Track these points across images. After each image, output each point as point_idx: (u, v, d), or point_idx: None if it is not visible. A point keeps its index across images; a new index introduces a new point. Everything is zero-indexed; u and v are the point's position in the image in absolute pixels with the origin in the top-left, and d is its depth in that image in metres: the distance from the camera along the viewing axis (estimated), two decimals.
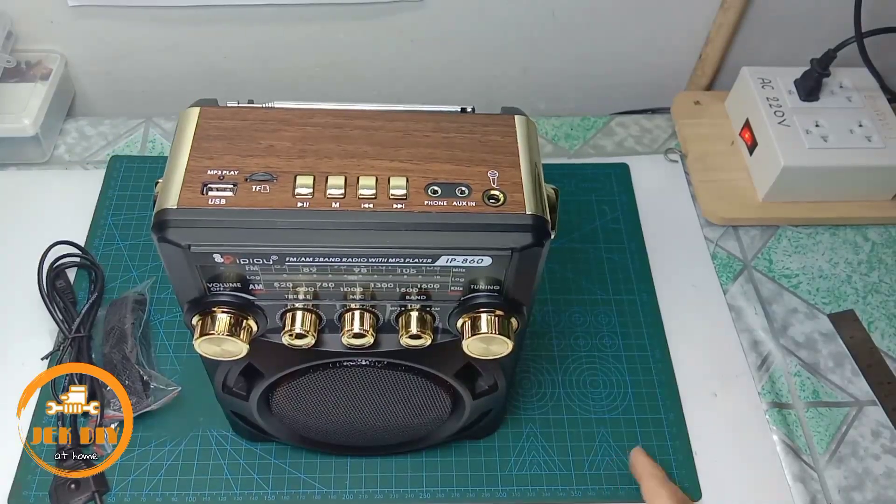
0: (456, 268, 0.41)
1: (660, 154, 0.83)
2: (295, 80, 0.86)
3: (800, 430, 0.64)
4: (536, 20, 0.82)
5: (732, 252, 0.75)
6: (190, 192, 0.39)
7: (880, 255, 0.75)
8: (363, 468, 0.60)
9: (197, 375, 0.62)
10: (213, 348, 0.44)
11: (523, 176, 0.41)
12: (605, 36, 0.85)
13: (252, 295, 0.43)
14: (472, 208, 0.40)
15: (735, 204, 0.77)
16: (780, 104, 0.76)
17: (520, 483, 0.60)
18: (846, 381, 0.67)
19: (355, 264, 0.41)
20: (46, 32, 0.80)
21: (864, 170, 0.74)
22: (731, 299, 0.72)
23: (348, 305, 0.44)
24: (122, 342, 0.63)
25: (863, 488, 0.61)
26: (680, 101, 0.85)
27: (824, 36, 0.75)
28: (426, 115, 0.44)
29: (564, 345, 0.68)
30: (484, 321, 0.43)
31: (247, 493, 0.59)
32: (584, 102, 0.91)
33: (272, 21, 0.80)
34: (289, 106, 0.44)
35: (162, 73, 0.84)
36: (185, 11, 0.78)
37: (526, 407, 0.64)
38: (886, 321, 0.71)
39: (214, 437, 0.61)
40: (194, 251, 0.39)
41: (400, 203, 0.40)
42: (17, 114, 0.75)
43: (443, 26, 0.82)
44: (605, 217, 0.77)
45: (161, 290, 0.69)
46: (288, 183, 0.40)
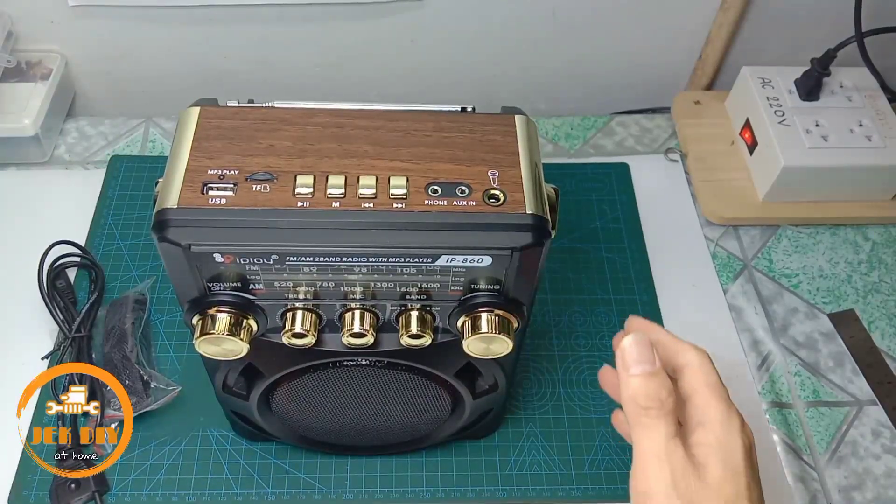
0: (456, 267, 0.41)
1: (660, 154, 0.83)
2: (295, 80, 0.86)
3: (800, 430, 0.64)
4: (536, 20, 0.82)
5: (732, 252, 0.75)
6: (190, 191, 0.39)
7: (880, 255, 0.75)
8: (363, 468, 0.60)
9: (197, 375, 0.62)
10: (213, 348, 0.44)
11: (523, 175, 0.41)
12: (606, 36, 0.85)
13: (252, 294, 0.43)
14: (472, 208, 0.40)
15: (735, 204, 0.77)
16: (781, 104, 0.76)
17: (520, 483, 0.60)
18: (846, 380, 0.67)
19: (355, 264, 0.41)
20: (46, 32, 0.80)
21: (865, 169, 0.74)
22: (731, 299, 0.72)
23: (348, 305, 0.44)
24: (123, 342, 0.63)
25: (863, 488, 0.61)
26: (680, 101, 0.85)
27: (824, 36, 0.75)
28: (426, 115, 0.44)
29: (564, 345, 0.68)
30: (484, 321, 0.43)
31: (247, 493, 0.59)
32: (584, 102, 0.91)
33: (272, 21, 0.80)
34: (289, 105, 0.44)
35: (162, 73, 0.84)
36: (185, 11, 0.78)
37: (526, 407, 0.64)
38: (886, 321, 0.71)
39: (214, 437, 0.61)
40: (195, 251, 0.39)
41: (400, 203, 0.40)
42: (17, 114, 0.75)
43: (443, 26, 0.82)
44: (605, 217, 0.77)
45: (161, 289, 0.69)
46: (288, 182, 0.40)
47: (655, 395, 0.38)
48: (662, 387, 0.38)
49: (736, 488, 0.38)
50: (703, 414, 0.40)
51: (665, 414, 0.38)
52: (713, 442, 0.39)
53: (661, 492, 0.38)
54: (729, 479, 0.38)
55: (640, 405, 0.39)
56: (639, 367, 0.39)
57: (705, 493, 0.37)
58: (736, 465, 0.38)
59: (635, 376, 0.39)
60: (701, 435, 0.39)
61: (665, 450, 0.38)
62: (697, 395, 0.40)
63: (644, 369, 0.39)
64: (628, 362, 0.39)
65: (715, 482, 0.38)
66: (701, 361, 0.41)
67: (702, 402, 0.40)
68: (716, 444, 0.38)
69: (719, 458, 0.38)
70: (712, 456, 0.38)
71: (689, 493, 0.37)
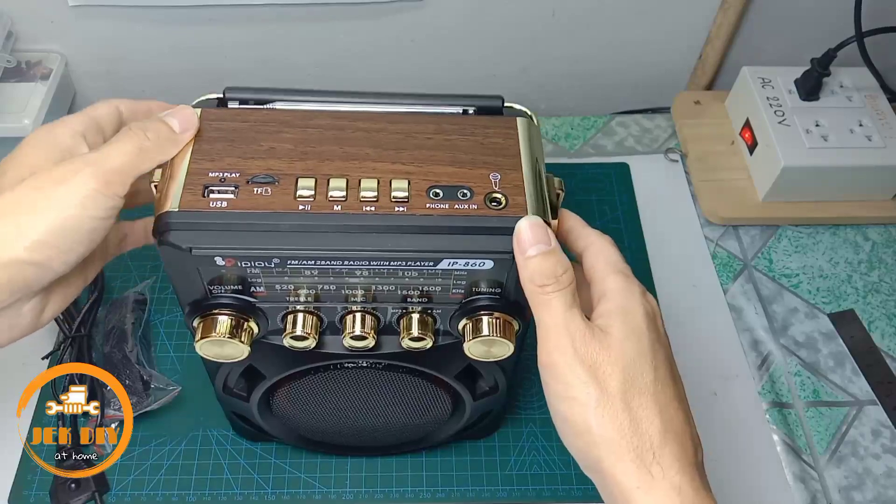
0: (457, 271, 0.41)
1: (660, 154, 0.83)
2: (295, 80, 0.86)
3: (800, 430, 0.64)
4: (536, 20, 0.82)
5: (732, 252, 0.75)
6: (191, 194, 0.39)
7: (880, 255, 0.75)
8: (363, 468, 0.61)
9: (197, 375, 0.62)
10: (214, 350, 0.43)
11: (525, 178, 0.41)
12: (605, 36, 0.85)
13: (253, 297, 0.43)
14: (473, 211, 0.40)
15: (735, 204, 0.77)
16: (781, 104, 0.76)
17: (520, 483, 0.61)
18: (846, 380, 0.67)
19: (357, 267, 0.41)
20: (46, 32, 0.79)
21: (865, 169, 0.74)
22: (731, 299, 0.72)
23: (349, 308, 0.44)
24: (123, 342, 0.63)
25: (863, 488, 0.61)
26: (680, 101, 0.85)
27: (824, 36, 0.75)
28: (428, 117, 0.44)
29: None
30: (485, 324, 0.43)
31: (247, 493, 0.59)
32: (584, 102, 0.91)
33: (272, 21, 0.80)
34: (290, 107, 0.44)
35: (162, 73, 0.84)
36: (185, 11, 0.78)
37: (526, 407, 0.64)
38: (886, 321, 0.71)
39: (214, 437, 0.61)
40: (196, 254, 0.39)
41: (402, 206, 0.39)
42: (17, 114, 0.75)
43: (443, 26, 0.82)
44: (606, 217, 0.77)
45: (161, 290, 0.69)
46: (289, 185, 0.40)
47: (551, 272, 0.39)
48: (558, 264, 0.39)
49: (638, 347, 0.39)
50: (603, 286, 0.41)
51: (561, 288, 0.39)
52: (612, 308, 0.40)
53: (564, 362, 0.39)
54: (631, 338, 0.39)
55: (536, 284, 0.39)
56: (534, 248, 0.39)
57: (606, 353, 0.38)
58: (636, 326, 0.39)
59: (531, 257, 0.39)
60: (602, 306, 0.40)
61: (563, 319, 0.39)
62: (596, 272, 0.42)
63: (539, 249, 0.39)
64: (524, 245, 0.39)
65: (616, 343, 0.39)
66: (602, 243, 0.43)
67: (600, 277, 0.41)
68: (615, 310, 0.40)
69: (619, 321, 0.39)
70: (612, 319, 0.39)
71: (590, 357, 0.38)
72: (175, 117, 0.41)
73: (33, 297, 0.41)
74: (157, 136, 0.40)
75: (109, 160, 0.39)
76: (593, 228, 0.44)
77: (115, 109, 0.44)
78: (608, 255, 0.42)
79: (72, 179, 0.38)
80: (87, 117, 0.42)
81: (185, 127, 0.41)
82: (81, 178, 0.38)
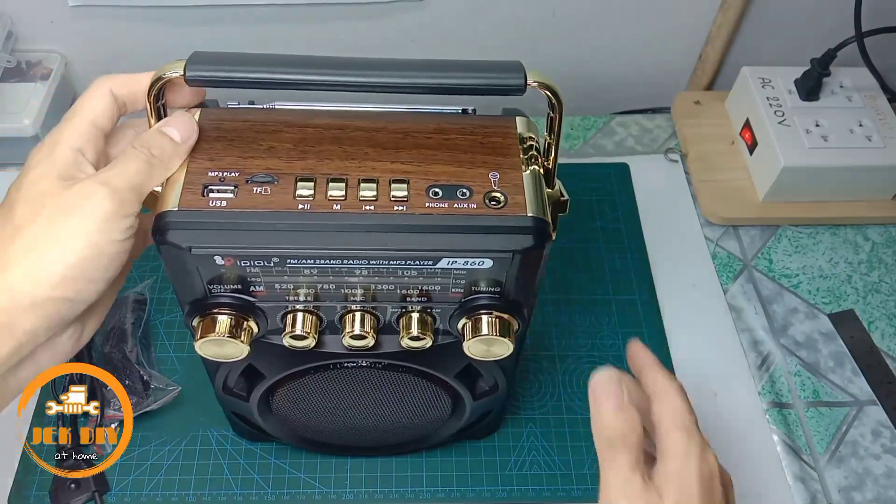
0: (457, 270, 0.41)
1: (660, 154, 0.83)
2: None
3: (800, 430, 0.64)
4: (536, 20, 0.82)
5: (732, 252, 0.75)
6: (190, 193, 0.39)
7: (880, 255, 0.75)
8: (363, 468, 0.61)
9: (197, 375, 0.62)
10: (214, 350, 0.43)
11: (524, 178, 0.41)
12: (605, 36, 0.85)
13: (253, 296, 0.43)
14: (473, 210, 0.40)
15: (735, 204, 0.77)
16: (781, 104, 0.76)
17: (520, 483, 0.61)
18: (846, 380, 0.67)
19: (356, 266, 0.41)
20: (46, 32, 0.79)
21: (864, 169, 0.74)
22: (731, 299, 0.72)
23: (349, 307, 0.44)
24: (123, 342, 0.63)
25: (863, 488, 0.61)
26: (680, 101, 0.85)
27: (824, 36, 0.75)
28: (427, 117, 0.44)
29: (564, 345, 0.68)
30: (485, 323, 0.43)
31: (247, 493, 0.59)
32: (584, 102, 0.91)
33: (272, 21, 0.80)
34: (289, 107, 0.44)
35: None
36: (186, 11, 0.78)
37: (526, 407, 0.64)
38: (886, 321, 0.71)
39: (214, 437, 0.61)
40: (195, 253, 0.39)
41: (401, 205, 0.40)
42: (17, 114, 0.75)
43: (443, 26, 0.82)
44: (605, 217, 0.77)
45: (161, 290, 0.69)
46: (289, 185, 0.40)
47: (620, 431, 0.41)
48: (626, 422, 0.41)
49: None
50: (665, 444, 0.41)
51: (626, 447, 0.40)
52: (670, 472, 0.40)
53: None
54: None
55: (605, 437, 0.41)
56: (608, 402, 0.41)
57: None
58: (690, 493, 0.40)
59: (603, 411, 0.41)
60: (661, 465, 0.41)
61: (623, 482, 0.40)
62: (661, 425, 0.42)
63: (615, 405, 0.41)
64: (599, 396, 0.41)
65: None
66: (671, 393, 0.43)
67: (664, 431, 0.42)
68: (672, 475, 0.40)
69: (674, 489, 0.40)
70: (668, 485, 0.40)
71: None
72: (174, 127, 0.41)
73: (70, 326, 0.41)
74: (161, 151, 0.40)
75: (121, 180, 0.39)
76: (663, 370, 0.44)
77: (110, 97, 0.43)
78: (675, 406, 0.42)
79: (86, 204, 0.38)
80: (84, 125, 0.41)
81: (185, 136, 0.41)
82: (97, 200, 0.38)
